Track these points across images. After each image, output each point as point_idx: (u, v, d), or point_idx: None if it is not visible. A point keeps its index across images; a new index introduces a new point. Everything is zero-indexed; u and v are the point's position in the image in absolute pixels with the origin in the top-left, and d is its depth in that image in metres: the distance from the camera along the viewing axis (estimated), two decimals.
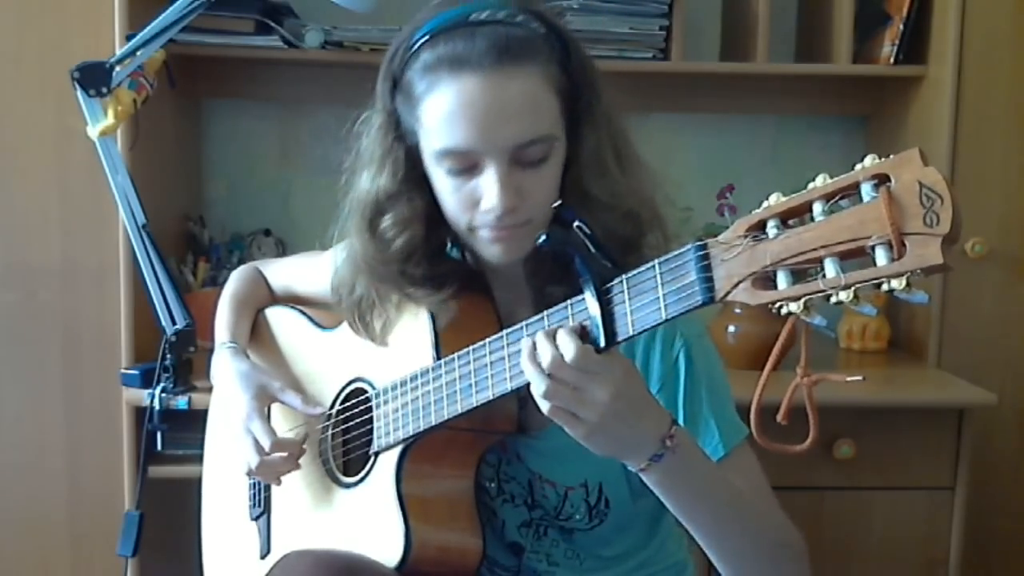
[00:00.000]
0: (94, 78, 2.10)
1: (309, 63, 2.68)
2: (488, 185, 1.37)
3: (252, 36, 2.51)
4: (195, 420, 2.00)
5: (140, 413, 2.28)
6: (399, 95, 1.43)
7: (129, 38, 2.18)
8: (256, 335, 1.87)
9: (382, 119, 1.46)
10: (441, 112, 1.36)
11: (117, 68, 2.12)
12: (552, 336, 1.22)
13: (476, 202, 1.39)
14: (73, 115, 2.17)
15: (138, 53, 2.14)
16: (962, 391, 2.37)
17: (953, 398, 2.36)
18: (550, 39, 1.40)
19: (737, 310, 2.44)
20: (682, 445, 1.26)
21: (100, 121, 2.12)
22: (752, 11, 2.63)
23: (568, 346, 1.20)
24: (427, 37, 1.37)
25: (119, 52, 2.15)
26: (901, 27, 2.60)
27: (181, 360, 2.24)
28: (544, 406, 1.22)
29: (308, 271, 1.89)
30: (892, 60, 2.62)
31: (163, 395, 2.21)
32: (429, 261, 1.50)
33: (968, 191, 2.52)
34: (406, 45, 1.40)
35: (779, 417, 1.11)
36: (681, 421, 1.43)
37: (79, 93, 2.11)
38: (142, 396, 2.24)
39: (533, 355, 1.23)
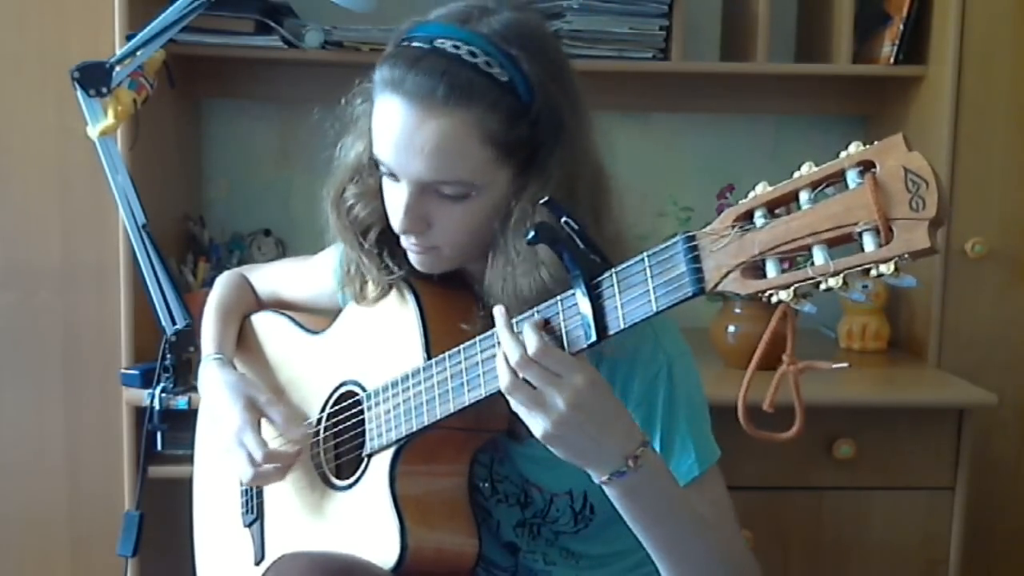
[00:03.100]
0: (94, 78, 2.11)
1: (309, 63, 2.68)
2: (396, 204, 1.40)
3: (252, 36, 2.52)
4: (195, 420, 2.00)
5: (140, 413, 2.28)
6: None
7: (129, 38, 2.18)
8: (243, 342, 1.87)
9: (367, 93, 1.47)
10: (375, 121, 1.40)
11: (117, 68, 2.12)
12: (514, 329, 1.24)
13: (395, 210, 1.42)
14: (73, 115, 2.17)
15: (138, 53, 2.14)
16: (962, 391, 2.36)
17: (953, 398, 2.35)
18: (511, 86, 1.36)
19: (737, 310, 2.44)
20: (648, 466, 1.26)
21: (100, 121, 2.13)
22: (752, 11, 2.63)
23: (530, 339, 1.21)
24: (400, 41, 1.39)
25: (119, 52, 2.15)
26: (901, 27, 2.59)
27: (181, 360, 2.24)
28: (511, 401, 1.24)
29: (295, 276, 1.89)
30: (892, 60, 2.62)
31: (163, 395, 2.21)
32: (384, 238, 1.52)
33: (968, 191, 2.52)
34: (401, 36, 1.41)
35: (765, 405, 1.11)
36: (658, 437, 1.44)
37: (79, 93, 2.11)
38: (142, 396, 2.24)
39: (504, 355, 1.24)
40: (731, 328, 2.45)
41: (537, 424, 1.22)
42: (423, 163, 1.35)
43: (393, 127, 1.36)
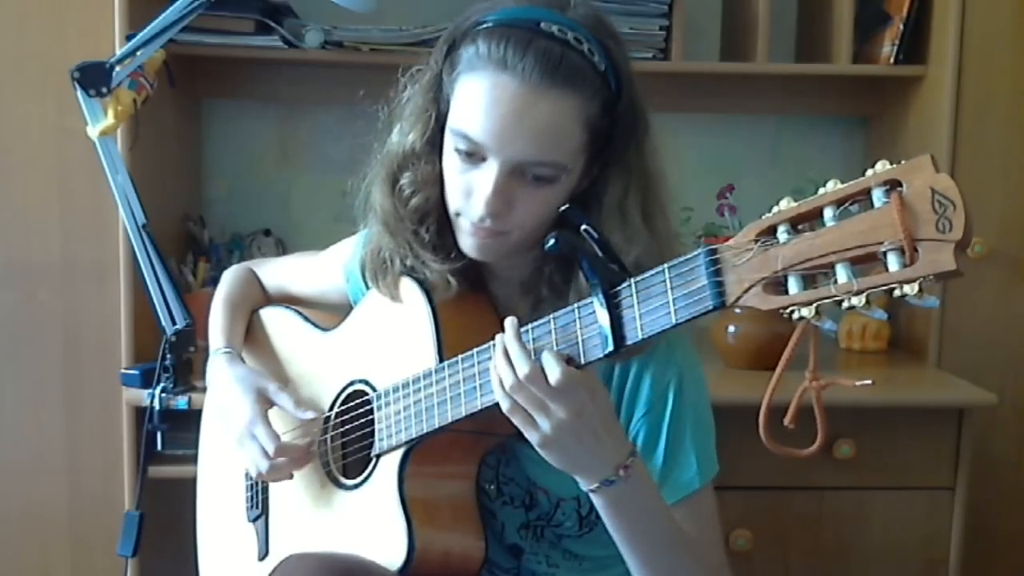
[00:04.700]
0: (94, 78, 2.10)
1: (309, 63, 2.68)
2: (483, 183, 1.38)
3: (252, 36, 2.51)
4: (195, 420, 2.00)
5: (140, 413, 2.28)
6: (448, 61, 1.43)
7: (129, 38, 2.18)
8: (251, 337, 1.86)
9: (428, 77, 1.47)
10: (471, 95, 1.37)
11: (117, 68, 2.11)
12: (531, 353, 1.25)
13: (469, 192, 1.40)
14: (73, 115, 2.16)
15: (138, 53, 2.13)
16: (962, 391, 2.36)
17: (953, 398, 2.35)
18: (606, 77, 1.39)
19: (737, 310, 2.43)
20: (636, 477, 1.29)
21: (100, 121, 2.12)
22: (752, 11, 2.63)
23: (553, 369, 1.22)
24: (494, 23, 1.38)
25: (119, 52, 2.15)
26: (901, 27, 2.59)
27: (181, 360, 2.24)
28: (504, 403, 1.26)
29: (304, 271, 1.88)
30: (892, 60, 2.62)
31: (163, 395, 2.20)
32: (440, 227, 1.50)
33: (968, 191, 2.46)
34: (476, 19, 1.40)
35: (787, 421, 1.11)
36: (662, 447, 1.45)
37: (79, 93, 2.10)
38: (142, 396, 2.24)
39: (507, 358, 1.25)
40: (731, 328, 2.45)
41: (535, 430, 1.24)
42: (529, 142, 1.35)
43: (501, 103, 1.34)
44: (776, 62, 2.73)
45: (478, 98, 1.36)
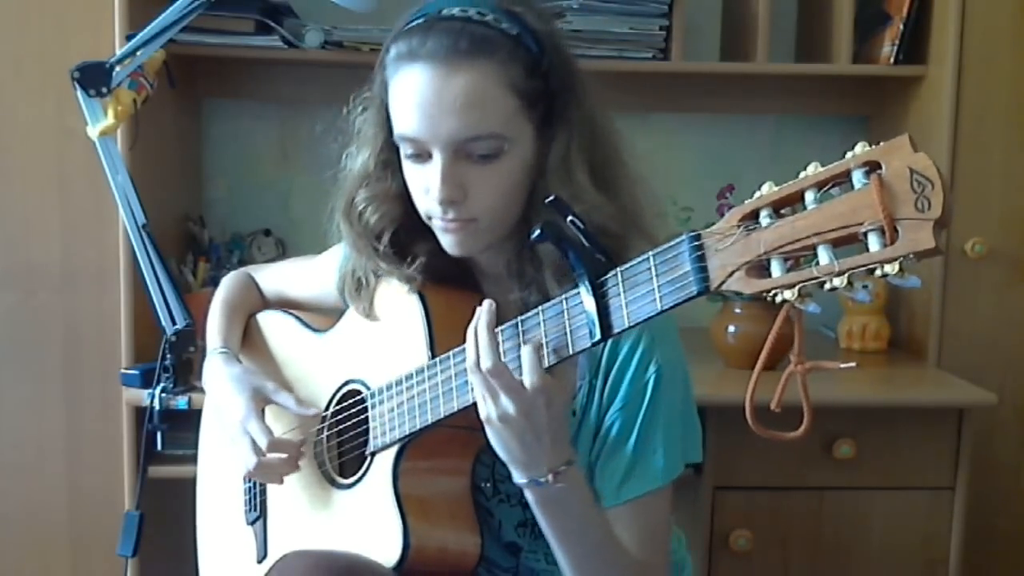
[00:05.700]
0: (94, 78, 2.11)
1: (309, 63, 2.69)
2: (432, 175, 1.41)
3: (252, 36, 2.52)
4: (195, 420, 2.00)
5: (140, 413, 2.28)
6: (380, 80, 1.47)
7: (129, 38, 2.18)
8: (248, 340, 1.87)
9: (373, 103, 1.51)
10: (397, 99, 1.42)
11: (117, 68, 2.12)
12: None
13: (427, 189, 1.43)
14: (73, 115, 2.17)
15: (138, 53, 2.14)
16: (962, 391, 2.36)
17: (953, 398, 2.35)
18: (522, 40, 1.41)
19: (737, 310, 2.44)
20: (567, 484, 1.32)
21: (100, 121, 2.13)
22: (752, 11, 2.63)
23: (527, 359, 1.25)
24: (403, 27, 1.43)
25: (119, 52, 2.16)
26: (901, 27, 2.60)
27: (181, 360, 2.24)
28: (472, 377, 1.30)
29: (300, 275, 1.89)
30: (892, 60, 2.62)
31: (163, 395, 2.21)
32: (396, 239, 1.54)
33: (968, 191, 2.52)
34: (393, 35, 1.45)
35: (773, 405, 1.11)
36: (632, 442, 1.47)
37: (79, 93, 2.11)
38: (142, 396, 2.25)
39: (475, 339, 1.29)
40: (731, 328, 2.45)
41: (483, 407, 1.29)
42: (456, 120, 1.37)
43: (419, 92, 1.38)
44: (776, 62, 2.74)
45: (401, 98, 1.41)
